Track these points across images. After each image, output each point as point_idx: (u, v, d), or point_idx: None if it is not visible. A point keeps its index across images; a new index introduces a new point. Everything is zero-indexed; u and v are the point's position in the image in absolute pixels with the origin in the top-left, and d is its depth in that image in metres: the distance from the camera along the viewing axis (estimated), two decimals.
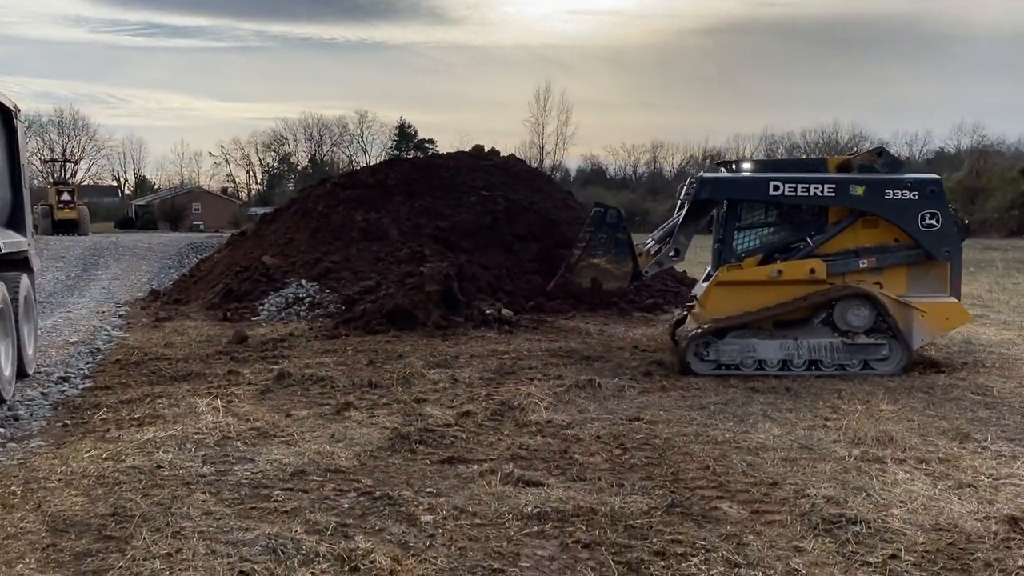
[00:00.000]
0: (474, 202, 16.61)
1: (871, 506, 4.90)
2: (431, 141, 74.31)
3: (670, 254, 9.91)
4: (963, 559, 4.20)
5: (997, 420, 7.02)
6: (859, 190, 9.05)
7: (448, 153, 19.97)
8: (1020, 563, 4.11)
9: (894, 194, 8.98)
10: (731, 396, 7.98)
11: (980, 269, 22.04)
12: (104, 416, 7.17)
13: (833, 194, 9.11)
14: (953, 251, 9.00)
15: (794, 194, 9.14)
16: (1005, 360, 9.77)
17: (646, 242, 10.45)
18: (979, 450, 6.11)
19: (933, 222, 8.92)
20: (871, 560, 4.18)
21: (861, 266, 9.11)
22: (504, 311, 13.29)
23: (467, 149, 20.19)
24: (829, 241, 9.29)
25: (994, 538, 4.44)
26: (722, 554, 4.24)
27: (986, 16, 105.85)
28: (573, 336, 12.01)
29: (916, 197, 8.96)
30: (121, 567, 4.09)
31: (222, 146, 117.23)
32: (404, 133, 77.82)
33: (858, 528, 4.55)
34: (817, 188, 9.10)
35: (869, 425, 6.70)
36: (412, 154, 59.96)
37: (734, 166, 10.39)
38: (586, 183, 70.28)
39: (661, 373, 9.09)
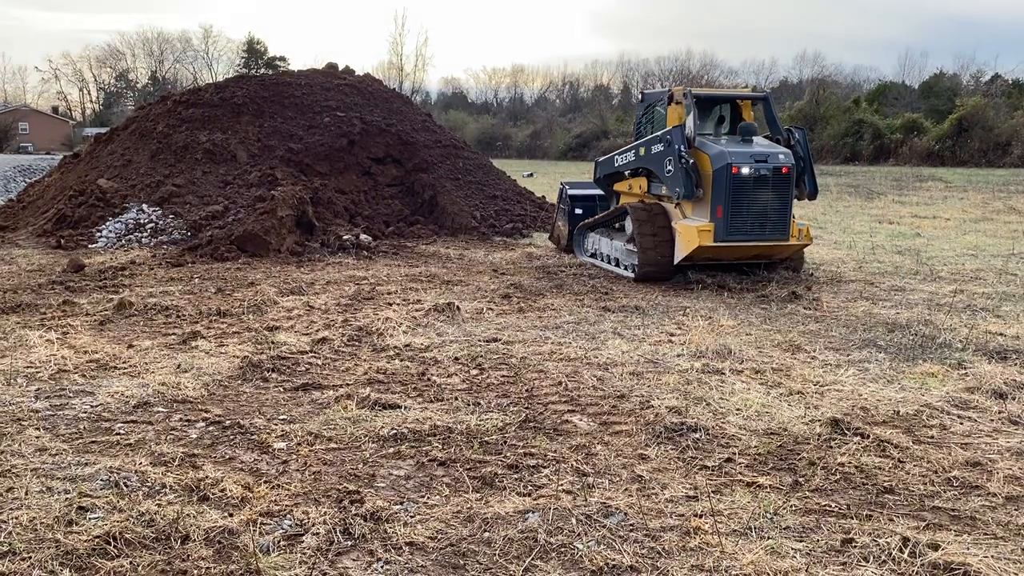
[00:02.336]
0: (328, 123, 16.05)
1: (710, 414, 5.21)
2: (282, 59, 71.16)
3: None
4: (790, 459, 4.55)
5: (825, 332, 7.58)
6: (643, 151, 10.83)
7: (300, 71, 19.05)
8: (839, 460, 4.49)
9: (653, 148, 10.52)
10: (584, 315, 8.22)
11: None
12: None
13: (634, 157, 11.08)
14: (685, 191, 9.69)
15: (622, 162, 11.41)
16: (835, 277, 10.53)
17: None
18: (808, 360, 6.59)
19: (671, 168, 10.06)
20: (709, 464, 4.45)
21: (662, 191, 10.59)
22: (363, 236, 13.08)
23: (320, 67, 19.40)
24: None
25: (818, 439, 4.82)
26: (572, 464, 4.41)
27: None
28: (433, 261, 11.97)
29: (663, 148, 10.22)
30: None
31: (50, 61, 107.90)
32: (253, 50, 73.99)
33: (698, 435, 4.83)
34: (630, 154, 11.20)
35: (710, 339, 7.09)
36: (262, 72, 57.08)
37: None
38: (447, 107, 69.35)
39: (519, 295, 9.23)
